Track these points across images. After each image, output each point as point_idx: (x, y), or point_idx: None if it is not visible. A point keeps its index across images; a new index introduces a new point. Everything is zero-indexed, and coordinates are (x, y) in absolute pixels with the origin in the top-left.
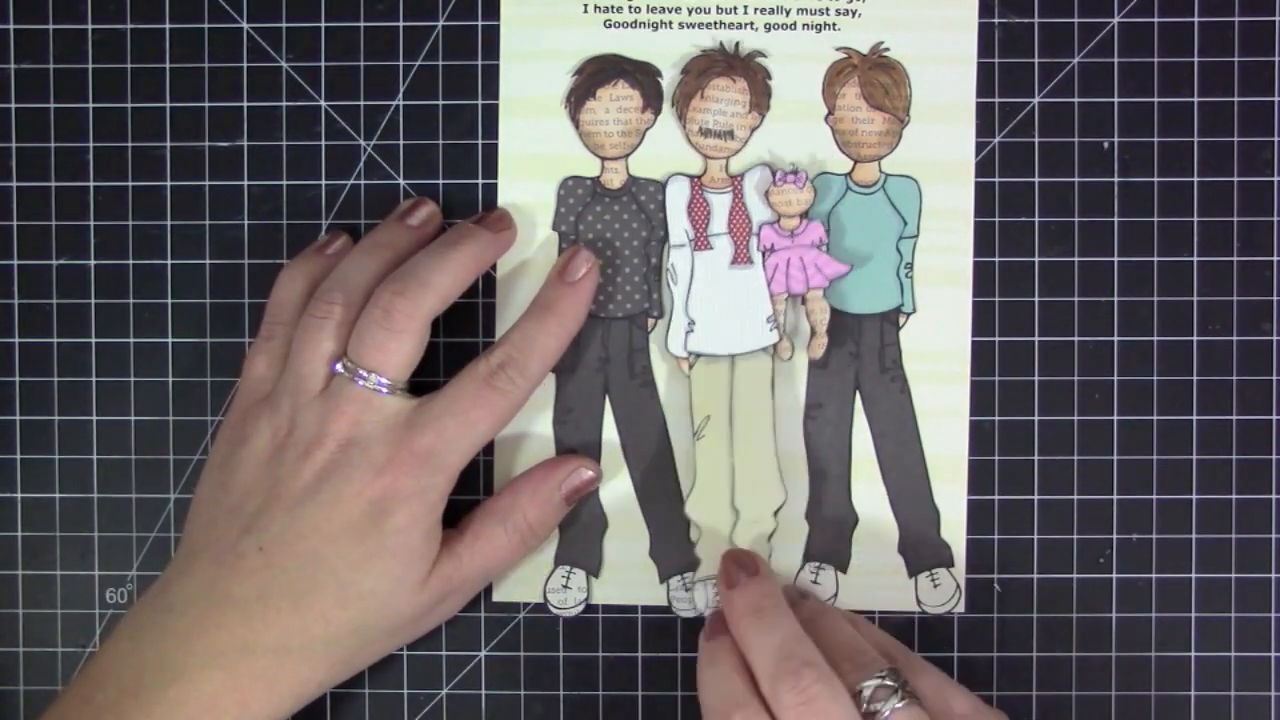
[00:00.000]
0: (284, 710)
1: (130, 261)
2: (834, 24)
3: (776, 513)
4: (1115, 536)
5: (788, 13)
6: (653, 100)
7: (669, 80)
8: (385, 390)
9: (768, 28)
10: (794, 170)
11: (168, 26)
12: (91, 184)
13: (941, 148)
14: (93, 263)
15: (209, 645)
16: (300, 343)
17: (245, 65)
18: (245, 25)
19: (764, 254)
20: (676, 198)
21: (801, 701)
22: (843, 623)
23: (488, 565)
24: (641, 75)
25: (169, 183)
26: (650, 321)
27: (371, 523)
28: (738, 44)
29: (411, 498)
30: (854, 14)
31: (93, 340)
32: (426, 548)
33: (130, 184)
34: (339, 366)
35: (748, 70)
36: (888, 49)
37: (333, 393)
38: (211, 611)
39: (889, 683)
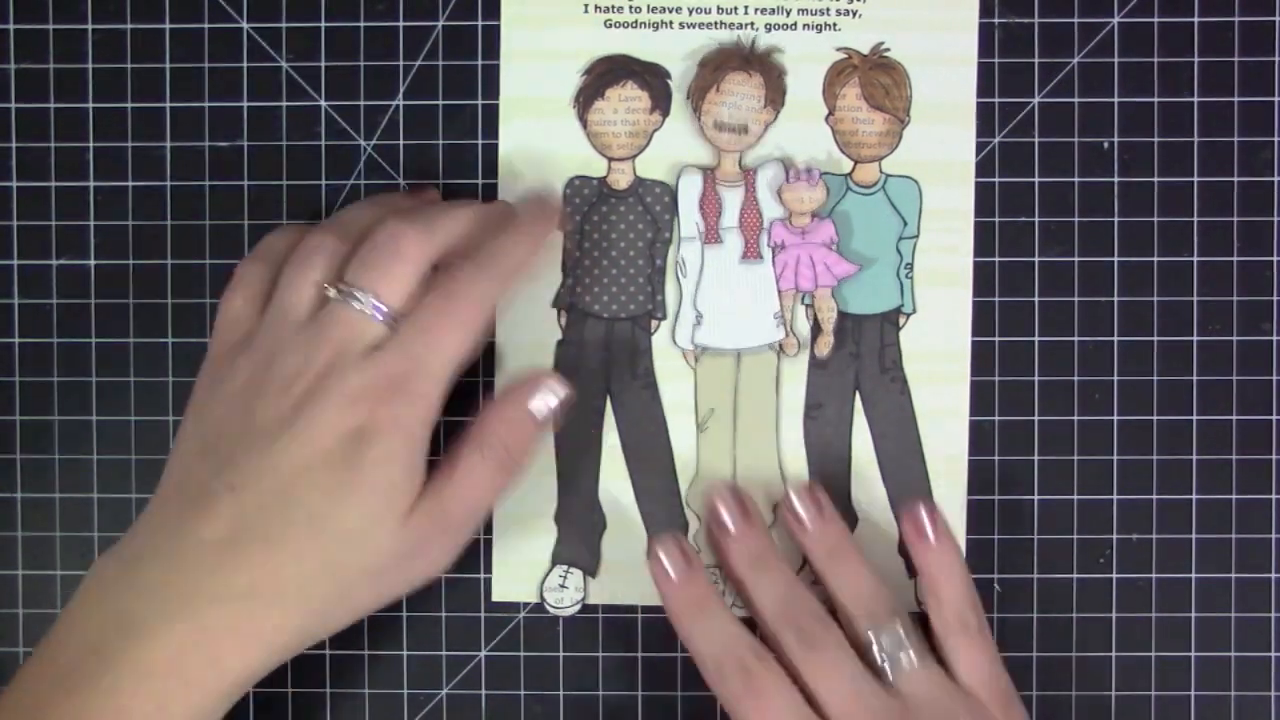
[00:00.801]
0: (259, 662)
1: (130, 261)
2: (834, 24)
3: (776, 507)
4: (1115, 536)
5: (788, 13)
6: (661, 102)
7: (680, 75)
8: (381, 317)
9: (768, 28)
10: (807, 169)
11: (168, 26)
12: (91, 184)
13: (942, 148)
14: (93, 263)
15: (174, 595)
16: (288, 274)
17: (245, 65)
18: (245, 25)
19: (774, 250)
20: (689, 190)
21: (802, 644)
22: (865, 572)
23: (470, 498)
24: (650, 76)
25: (169, 183)
26: (654, 323)
27: (347, 456)
28: (754, 39)
29: (389, 429)
30: (854, 14)
31: (93, 340)
32: (407, 483)
33: (130, 184)
34: (332, 290)
35: (764, 66)
36: (888, 49)
37: (320, 318)
38: (177, 559)
39: (903, 637)
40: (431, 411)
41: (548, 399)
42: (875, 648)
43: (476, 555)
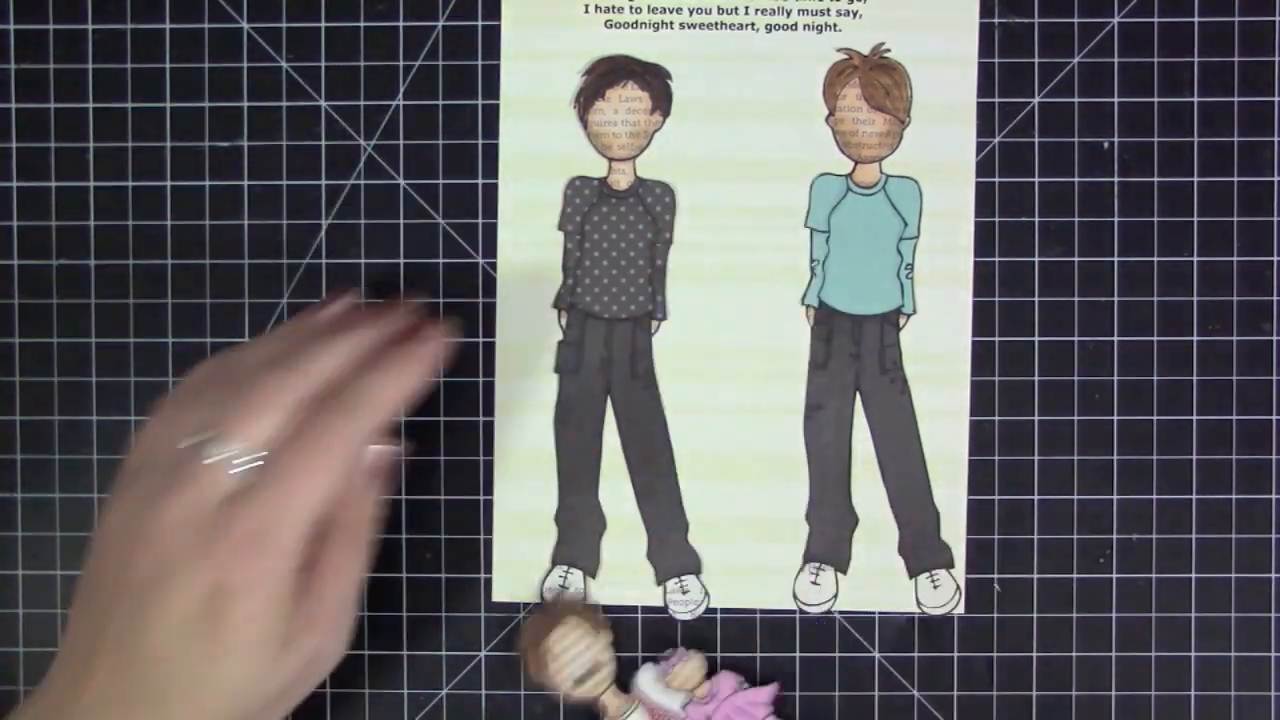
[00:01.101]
0: None
1: (130, 261)
2: (835, 24)
3: None
4: (1115, 536)
5: (789, 13)
6: (661, 102)
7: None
8: (235, 466)
9: (769, 28)
10: (669, 653)
11: (168, 26)
12: (91, 184)
13: (942, 149)
14: (93, 263)
15: None
16: (160, 421)
17: (245, 65)
18: (245, 25)
19: None
20: None
21: None
22: None
23: (346, 589)
24: (651, 77)
25: (169, 183)
26: (653, 323)
27: (212, 617)
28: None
29: (250, 589)
30: (855, 14)
31: (93, 340)
32: (276, 631)
33: (130, 184)
34: (187, 440)
35: (583, 610)
36: (889, 50)
37: (178, 470)
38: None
39: None
40: (291, 560)
41: (371, 459)
42: None
43: (477, 556)
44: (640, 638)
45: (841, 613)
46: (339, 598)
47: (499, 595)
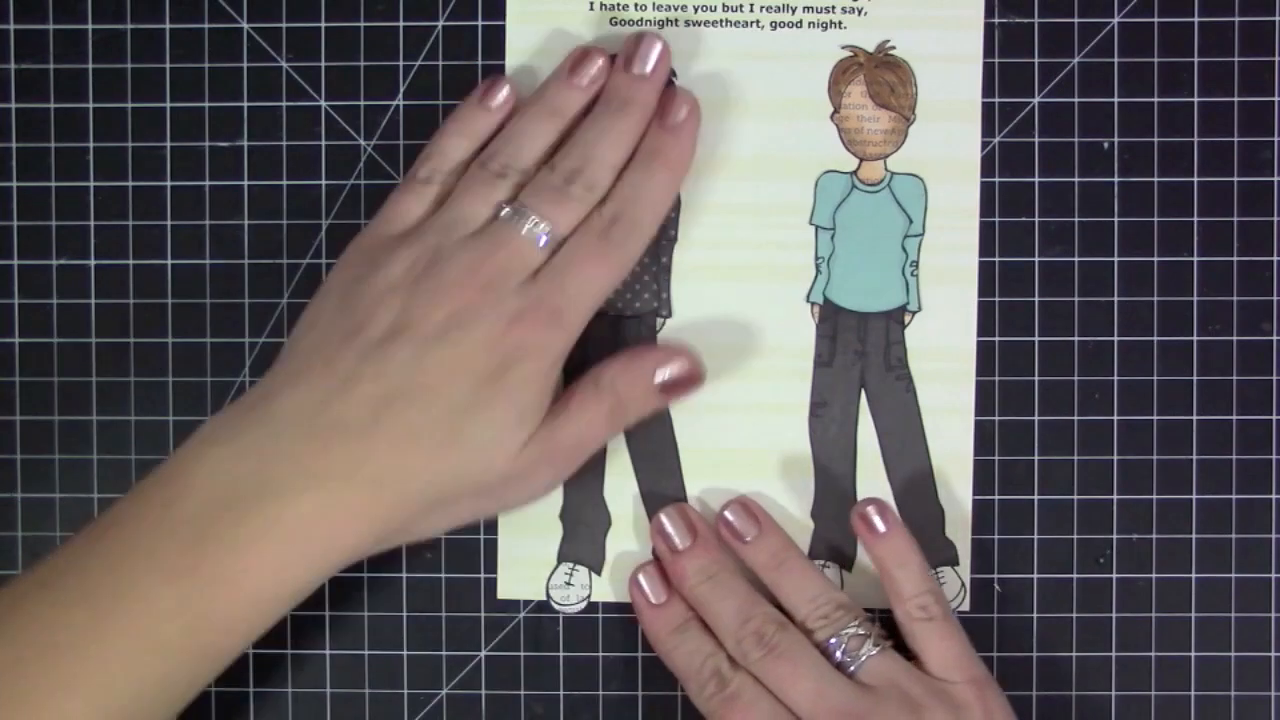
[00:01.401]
0: (364, 548)
1: (130, 261)
2: (840, 22)
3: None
4: (1115, 536)
5: (794, 10)
6: None
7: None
8: (544, 242)
9: (774, 25)
10: None
11: (168, 26)
12: (91, 184)
13: (947, 146)
14: (93, 263)
15: (311, 467)
16: (469, 190)
17: (245, 65)
18: (245, 25)
19: None
20: None
21: (764, 652)
22: (811, 575)
23: (580, 431)
24: None
25: (169, 183)
26: (658, 320)
27: (494, 373)
28: None
29: (535, 353)
30: (860, 12)
31: (93, 340)
32: (538, 406)
33: (130, 184)
34: (507, 210)
35: None
36: (894, 47)
37: (490, 234)
38: (319, 433)
39: (860, 631)
40: (572, 342)
41: (674, 372)
42: (834, 648)
43: (477, 555)
44: (640, 637)
45: None
46: (574, 435)
47: (504, 593)
